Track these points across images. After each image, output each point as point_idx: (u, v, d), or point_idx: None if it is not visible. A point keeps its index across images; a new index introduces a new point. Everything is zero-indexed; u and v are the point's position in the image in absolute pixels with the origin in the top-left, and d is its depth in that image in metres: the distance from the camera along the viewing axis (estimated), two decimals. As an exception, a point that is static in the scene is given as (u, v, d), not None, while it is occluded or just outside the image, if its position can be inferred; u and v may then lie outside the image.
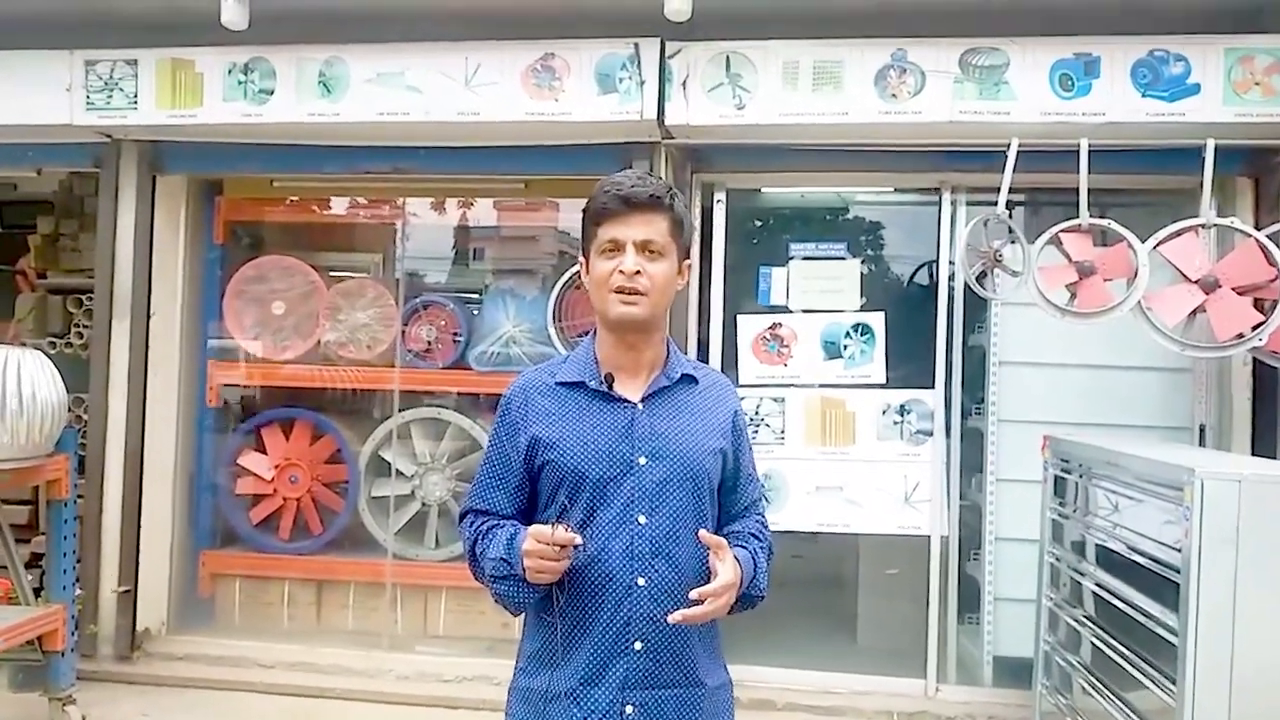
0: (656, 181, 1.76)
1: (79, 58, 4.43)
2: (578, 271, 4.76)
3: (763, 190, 4.64)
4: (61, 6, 4.36)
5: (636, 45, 4.12)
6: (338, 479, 5.04)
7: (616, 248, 1.71)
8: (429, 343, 4.95)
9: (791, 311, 4.47)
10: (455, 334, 4.96)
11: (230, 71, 4.36)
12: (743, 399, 3.41)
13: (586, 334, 1.94)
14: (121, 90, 4.42)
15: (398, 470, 4.93)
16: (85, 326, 4.96)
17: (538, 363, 2.00)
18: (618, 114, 4.14)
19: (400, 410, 4.95)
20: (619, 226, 1.71)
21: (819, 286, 4.46)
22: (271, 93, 4.35)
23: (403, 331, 4.94)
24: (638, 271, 1.69)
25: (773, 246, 4.61)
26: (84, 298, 4.96)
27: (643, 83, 4.12)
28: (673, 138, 4.31)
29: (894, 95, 3.96)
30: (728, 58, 4.10)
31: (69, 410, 3.88)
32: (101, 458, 4.64)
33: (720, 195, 4.55)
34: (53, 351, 4.90)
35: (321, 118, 4.33)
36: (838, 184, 4.58)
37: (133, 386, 4.66)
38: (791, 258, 4.50)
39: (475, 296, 5.30)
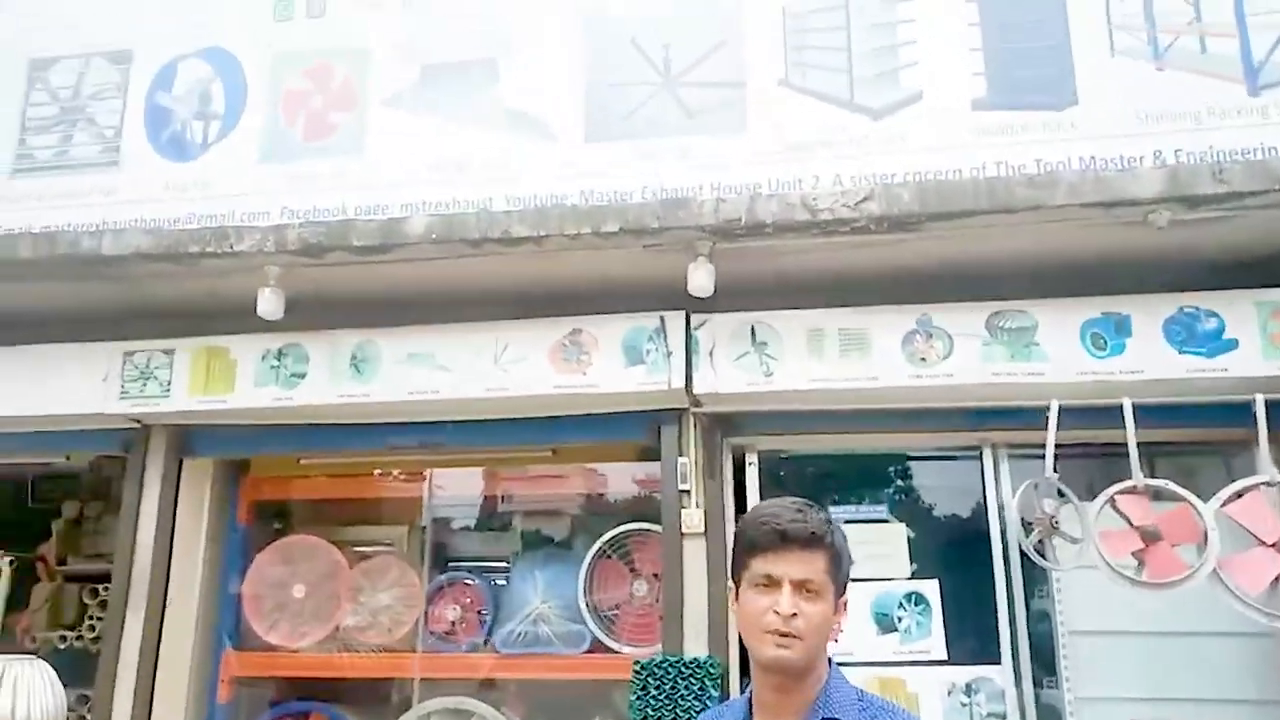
0: (816, 516, 1.73)
1: (118, 349, 4.54)
2: (610, 540, 4.73)
3: (797, 452, 4.53)
4: (104, 299, 4.52)
5: (663, 318, 4.17)
6: (350, 782, 4.63)
7: (772, 584, 1.68)
8: (453, 623, 4.70)
9: (837, 580, 4.21)
10: (480, 612, 4.72)
11: (264, 357, 4.43)
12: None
13: (618, 608, 2.07)
14: (155, 378, 4.49)
15: (416, 771, 4.52)
16: (98, 618, 4.77)
17: (569, 644, 2.12)
18: (645, 384, 4.13)
19: (422, 698, 4.60)
20: (775, 562, 1.68)
21: (864, 552, 4.22)
22: (303, 376, 4.39)
23: (426, 611, 4.70)
24: (794, 614, 1.65)
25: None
26: (100, 588, 4.81)
27: (669, 353, 4.13)
28: (701, 405, 4.26)
29: (923, 359, 3.93)
30: (752, 327, 4.13)
31: (71, 710, 3.62)
32: (100, 766, 4.29)
33: (752, 459, 4.43)
34: (63, 646, 4.70)
35: (352, 398, 4.34)
36: (872, 445, 4.44)
37: (140, 683, 4.37)
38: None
39: (503, 566, 5.10)
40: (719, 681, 3.82)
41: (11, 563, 4.95)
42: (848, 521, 4.29)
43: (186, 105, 4.58)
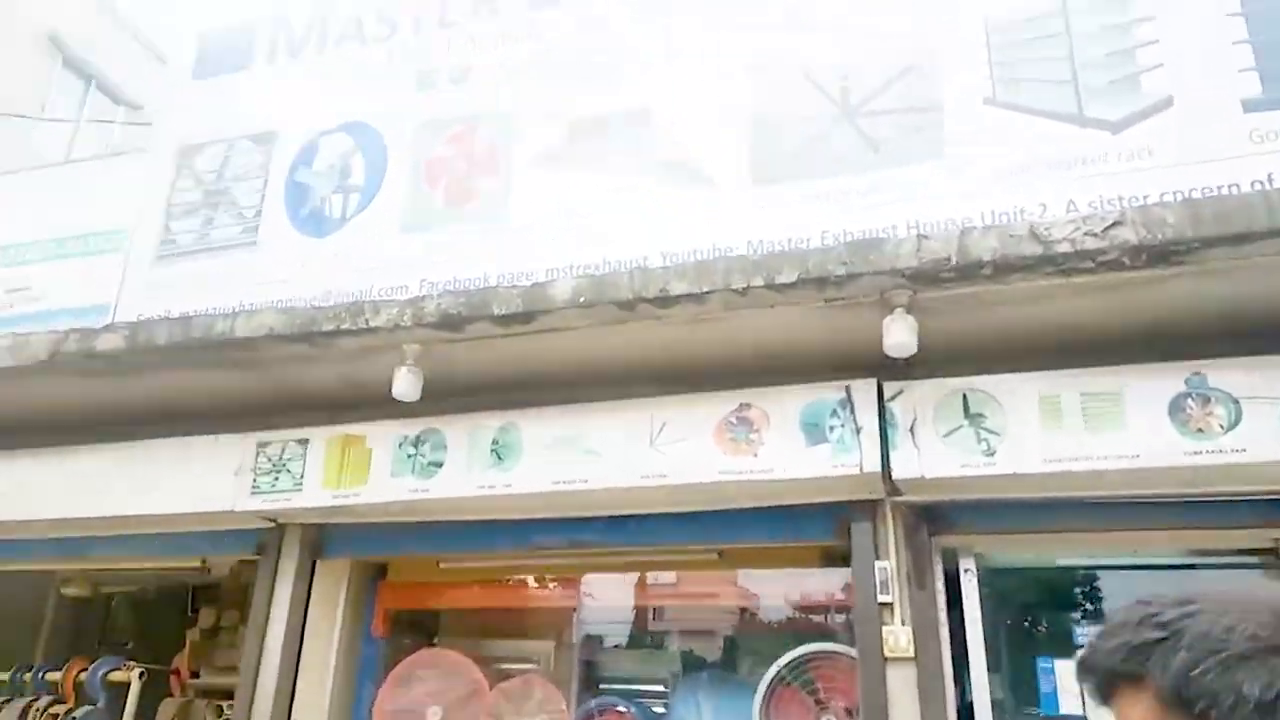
0: (1135, 630, 1.04)
1: (251, 440, 4.23)
2: (790, 663, 3.94)
3: (1029, 559, 3.66)
4: (239, 387, 4.23)
5: (848, 388, 3.49)
6: None
7: None
8: (607, 759, 3.98)
9: (1091, 720, 3.26)
10: (638, 746, 3.99)
11: (400, 445, 4.01)
12: None
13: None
14: (288, 471, 4.13)
15: None
16: (221, 740, 4.34)
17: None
18: (830, 468, 3.42)
19: None
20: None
21: (1128, 685, 3.26)
22: (441, 465, 3.93)
23: (574, 743, 4.01)
24: None
25: (1053, 630, 3.51)
26: (225, 705, 4.39)
27: (859, 429, 3.42)
28: (900, 493, 3.49)
29: (1200, 430, 3.04)
30: (964, 395, 3.36)
31: None
32: None
33: (968, 564, 3.58)
34: (184, 771, 4.27)
35: (492, 490, 3.83)
36: (1129, 545, 3.53)
37: (258, 821, 3.88)
38: (1081, 646, 3.36)
39: (661, 690, 4.38)
40: None
41: (141, 675, 4.62)
42: (1102, 644, 3.35)
43: (327, 180, 4.37)
